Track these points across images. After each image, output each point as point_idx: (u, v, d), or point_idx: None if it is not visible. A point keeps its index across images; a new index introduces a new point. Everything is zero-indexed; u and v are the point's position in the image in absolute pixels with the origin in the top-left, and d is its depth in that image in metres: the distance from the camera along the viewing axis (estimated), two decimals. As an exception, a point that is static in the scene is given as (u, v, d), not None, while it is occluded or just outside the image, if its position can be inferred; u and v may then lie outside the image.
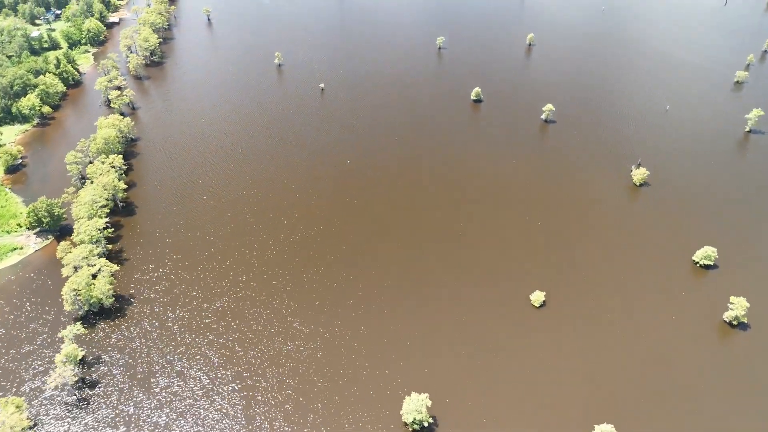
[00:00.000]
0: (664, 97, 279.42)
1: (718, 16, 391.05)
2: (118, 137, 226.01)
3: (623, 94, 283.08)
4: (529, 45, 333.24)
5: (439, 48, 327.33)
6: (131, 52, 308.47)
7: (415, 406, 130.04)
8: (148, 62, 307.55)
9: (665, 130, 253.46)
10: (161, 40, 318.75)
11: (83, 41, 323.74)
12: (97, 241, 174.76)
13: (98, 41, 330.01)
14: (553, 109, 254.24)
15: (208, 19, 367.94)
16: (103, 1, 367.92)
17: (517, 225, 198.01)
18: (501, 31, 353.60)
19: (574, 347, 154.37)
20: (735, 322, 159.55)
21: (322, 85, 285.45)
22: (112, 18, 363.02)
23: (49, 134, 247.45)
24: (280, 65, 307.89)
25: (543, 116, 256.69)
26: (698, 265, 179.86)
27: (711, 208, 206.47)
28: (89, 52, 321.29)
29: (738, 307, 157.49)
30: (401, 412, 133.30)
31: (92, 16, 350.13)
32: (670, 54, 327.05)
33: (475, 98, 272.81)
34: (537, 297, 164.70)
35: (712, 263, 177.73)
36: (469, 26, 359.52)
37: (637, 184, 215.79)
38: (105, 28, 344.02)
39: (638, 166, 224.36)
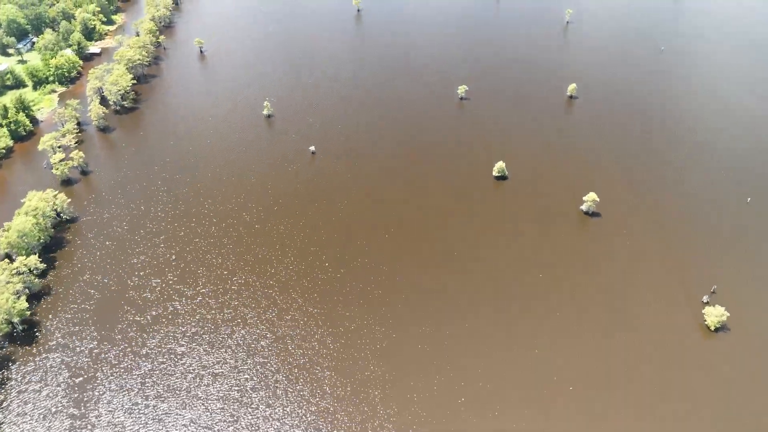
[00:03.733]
0: (745, 182, 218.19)
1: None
2: (41, 224, 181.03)
3: (689, 175, 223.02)
4: (570, 97, 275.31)
5: (461, 98, 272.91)
6: (100, 96, 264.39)
7: None
8: (119, 108, 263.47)
9: (749, 235, 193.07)
10: (134, 81, 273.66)
11: (50, 79, 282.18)
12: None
13: (69, 78, 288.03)
14: (597, 199, 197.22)
15: (201, 51, 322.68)
16: (86, 30, 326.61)
17: (536, 384, 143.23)
18: (537, 77, 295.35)
19: None
20: None
21: (312, 147, 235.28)
22: (93, 48, 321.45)
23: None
24: (269, 116, 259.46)
25: (583, 207, 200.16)
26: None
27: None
28: (56, 92, 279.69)
29: None
30: None
31: (70, 46, 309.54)
32: (752, 115, 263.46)
33: (498, 174, 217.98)
34: None
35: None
36: (499, 71, 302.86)
37: (712, 328, 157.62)
38: (81, 61, 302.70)
39: (711, 296, 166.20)
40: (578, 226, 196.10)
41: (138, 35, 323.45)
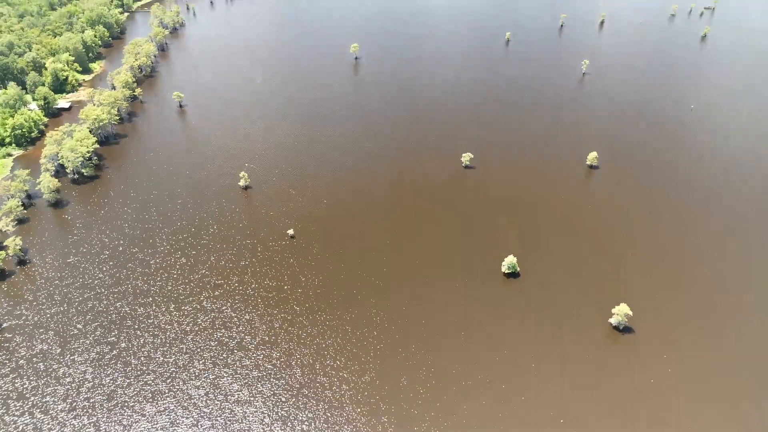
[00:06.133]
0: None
1: None
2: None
3: (743, 274, 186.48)
4: (591, 167, 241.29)
5: (465, 167, 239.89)
6: (57, 163, 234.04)
7: None
8: (76, 177, 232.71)
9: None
10: (97, 145, 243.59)
11: (7, 140, 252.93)
12: None
13: (29, 139, 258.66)
14: (630, 313, 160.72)
15: (180, 106, 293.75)
16: (57, 81, 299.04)
17: None
18: (551, 142, 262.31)
19: None
20: None
21: (290, 231, 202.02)
22: (63, 102, 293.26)
23: None
24: (246, 188, 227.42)
25: (613, 320, 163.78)
26: None
27: None
28: (12, 155, 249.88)
29: None
30: None
31: (35, 100, 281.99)
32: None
33: (508, 271, 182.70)
34: None
35: None
36: (508, 135, 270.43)
37: None
38: (46, 118, 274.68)
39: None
40: (606, 346, 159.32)
41: (114, 88, 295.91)
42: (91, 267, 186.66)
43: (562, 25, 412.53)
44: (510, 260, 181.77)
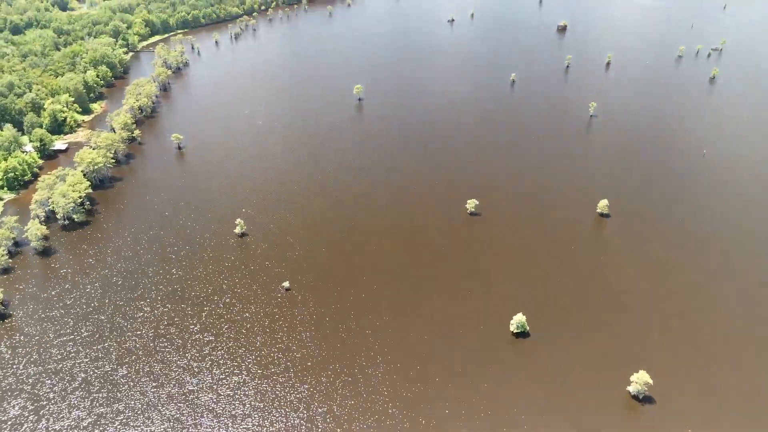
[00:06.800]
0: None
1: None
2: None
3: None
4: (601, 215, 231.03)
5: (470, 214, 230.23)
6: (47, 208, 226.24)
7: None
8: (67, 223, 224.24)
9: None
10: (90, 190, 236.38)
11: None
12: None
13: (22, 183, 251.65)
14: (650, 381, 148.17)
15: (179, 148, 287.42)
16: (54, 124, 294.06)
17: None
18: (559, 188, 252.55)
19: None
20: None
21: (286, 284, 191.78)
22: (60, 144, 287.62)
23: None
24: (242, 235, 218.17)
25: (631, 389, 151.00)
26: None
27: None
28: (2, 200, 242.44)
29: None
30: None
31: (31, 142, 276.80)
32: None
33: (517, 331, 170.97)
34: None
35: None
36: (514, 180, 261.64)
37: None
38: (41, 160, 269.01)
39: None
40: (625, 418, 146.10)
41: (114, 130, 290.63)
42: (74, 321, 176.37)
43: (567, 66, 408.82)
44: (519, 319, 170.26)
